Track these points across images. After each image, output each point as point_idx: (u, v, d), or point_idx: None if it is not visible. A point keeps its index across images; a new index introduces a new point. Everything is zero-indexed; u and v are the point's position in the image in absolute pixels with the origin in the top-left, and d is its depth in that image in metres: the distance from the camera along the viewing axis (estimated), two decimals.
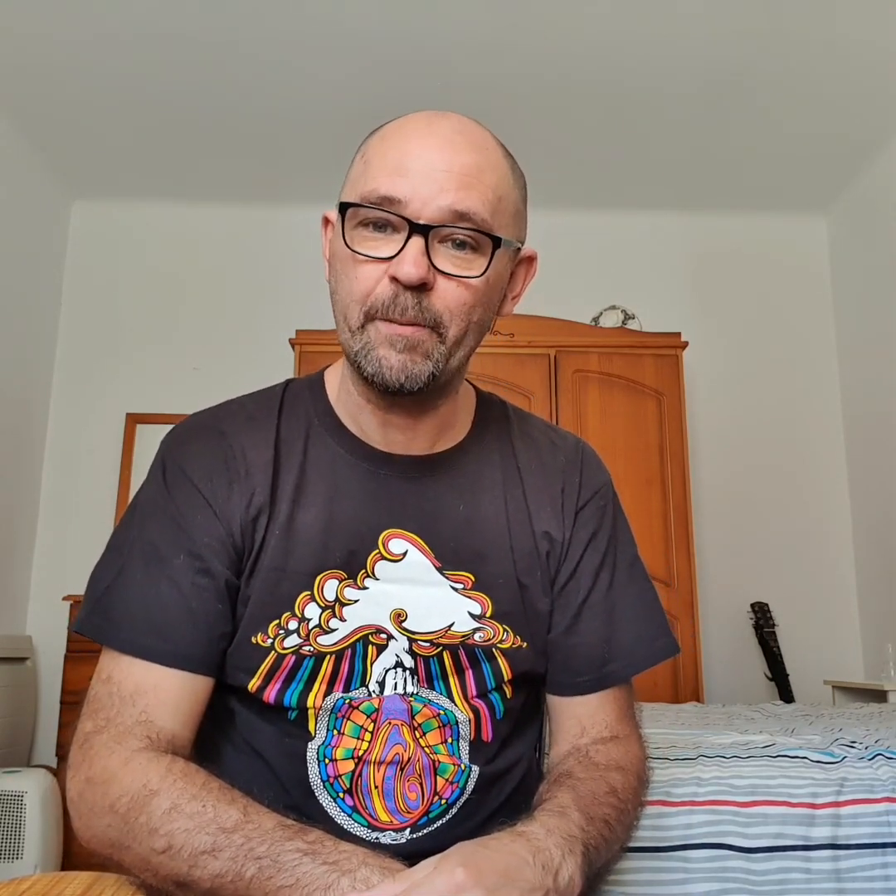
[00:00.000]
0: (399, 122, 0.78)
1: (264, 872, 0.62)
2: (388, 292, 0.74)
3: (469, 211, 0.73)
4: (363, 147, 0.79)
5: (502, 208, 0.76)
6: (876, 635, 3.53)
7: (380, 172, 0.74)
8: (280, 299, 3.82)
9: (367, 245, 0.75)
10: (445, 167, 0.73)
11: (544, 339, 3.37)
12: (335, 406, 0.86)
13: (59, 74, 3.11)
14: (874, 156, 3.57)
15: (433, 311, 0.74)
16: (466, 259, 0.75)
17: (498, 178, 0.76)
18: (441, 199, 0.72)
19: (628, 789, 0.80)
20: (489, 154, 0.77)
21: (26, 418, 3.61)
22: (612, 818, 0.75)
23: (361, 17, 2.83)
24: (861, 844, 1.26)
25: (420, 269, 0.72)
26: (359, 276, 0.75)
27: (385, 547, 0.81)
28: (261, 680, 0.78)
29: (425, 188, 0.72)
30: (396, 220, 0.73)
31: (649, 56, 3.01)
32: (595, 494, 0.90)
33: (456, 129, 0.76)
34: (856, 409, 3.79)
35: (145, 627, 0.75)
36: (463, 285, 0.74)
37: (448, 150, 0.74)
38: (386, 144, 0.76)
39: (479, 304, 0.77)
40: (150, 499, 0.81)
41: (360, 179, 0.76)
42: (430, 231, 0.72)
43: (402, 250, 0.72)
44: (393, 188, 0.73)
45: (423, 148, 0.74)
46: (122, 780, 0.69)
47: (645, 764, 0.86)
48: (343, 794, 0.77)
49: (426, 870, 0.60)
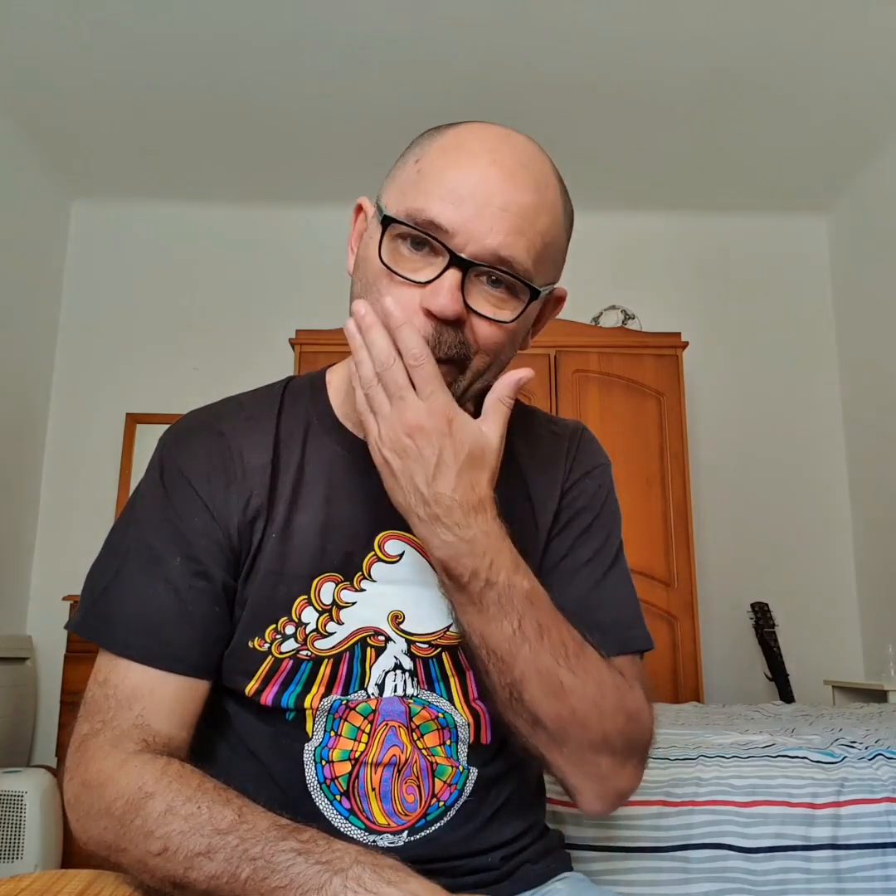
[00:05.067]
0: (462, 135, 0.75)
1: (259, 873, 0.62)
2: (429, 329, 0.71)
3: (513, 259, 0.71)
4: (418, 150, 0.76)
5: (547, 256, 0.75)
6: (876, 635, 3.53)
7: (433, 192, 0.71)
8: (280, 299, 3.82)
9: (404, 265, 0.72)
10: (502, 205, 0.70)
11: (544, 338, 3.33)
12: (337, 405, 0.85)
13: (60, 74, 3.11)
14: (874, 156, 3.57)
15: (466, 345, 0.73)
16: (500, 299, 0.73)
17: (550, 222, 0.74)
18: (489, 239, 0.70)
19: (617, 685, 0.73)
20: (548, 194, 0.74)
21: (26, 418, 3.60)
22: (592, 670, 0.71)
23: (362, 17, 2.83)
24: (861, 844, 1.26)
25: (456, 304, 0.70)
26: (399, 299, 0.72)
27: (381, 548, 0.80)
28: (258, 683, 0.77)
29: (475, 224, 0.70)
30: (438, 247, 0.71)
31: (649, 56, 3.01)
32: (585, 474, 0.88)
33: (521, 161, 0.73)
34: (856, 408, 3.78)
35: (142, 630, 0.75)
36: (495, 325, 0.73)
37: (509, 187, 0.71)
38: (445, 160, 0.73)
39: (508, 343, 0.76)
40: (148, 500, 0.80)
41: (411, 191, 0.73)
42: (470, 268, 0.71)
43: (437, 278, 0.71)
44: (443, 215, 0.70)
45: (484, 179, 0.71)
46: (117, 783, 0.69)
47: (649, 711, 0.78)
48: (340, 796, 0.77)
49: None
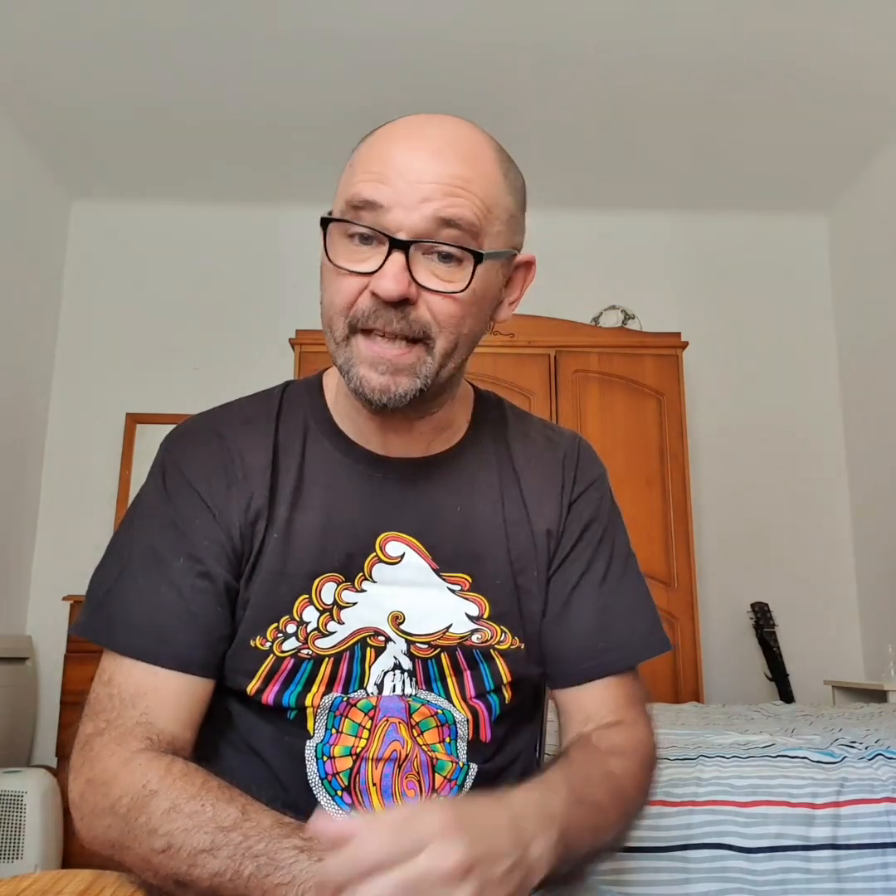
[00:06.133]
0: (389, 126, 0.77)
1: (262, 870, 0.62)
2: (369, 304, 0.73)
3: (454, 217, 0.71)
4: (353, 153, 0.79)
5: (492, 218, 0.75)
6: (876, 635, 3.53)
7: (363, 176, 0.73)
8: (280, 299, 3.82)
9: (352, 258, 0.74)
10: (432, 178, 0.71)
11: (544, 339, 3.37)
12: (333, 409, 0.86)
13: (60, 75, 3.11)
14: (874, 156, 3.57)
15: (421, 322, 0.73)
16: (450, 271, 0.73)
17: (488, 186, 0.74)
18: (424, 207, 0.71)
19: (628, 775, 0.78)
20: (480, 164, 0.75)
21: (26, 418, 3.60)
22: (606, 803, 0.73)
23: (361, 17, 2.83)
24: (861, 844, 1.26)
25: (400, 285, 0.71)
26: (341, 287, 0.74)
27: (382, 549, 0.81)
28: (259, 682, 0.78)
29: (408, 196, 0.71)
30: (379, 236, 0.72)
31: (649, 56, 3.01)
32: (590, 486, 0.90)
33: (446, 139, 0.74)
34: (856, 408, 3.79)
35: (146, 630, 0.75)
36: (449, 298, 0.73)
37: (435, 162, 0.72)
38: (373, 149, 0.75)
39: (468, 315, 0.75)
40: (150, 502, 0.81)
41: (346, 184, 0.75)
42: (411, 246, 0.71)
43: (382, 265, 0.71)
44: (375, 193, 0.72)
45: (410, 156, 0.72)
46: (122, 781, 0.69)
47: (652, 748, 0.84)
48: (341, 791, 0.77)
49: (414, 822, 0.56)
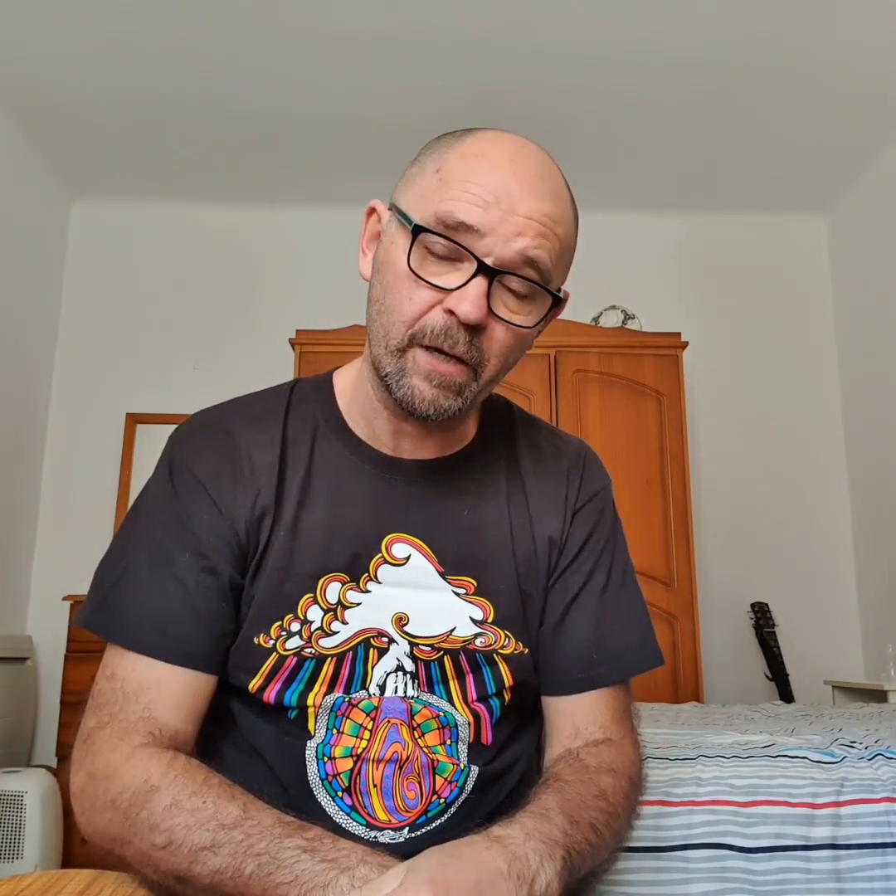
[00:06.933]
0: (481, 143, 0.76)
1: (263, 869, 0.62)
2: (441, 321, 0.73)
3: (538, 259, 0.73)
4: (436, 157, 0.76)
5: (563, 260, 0.77)
6: (876, 635, 3.53)
7: (460, 196, 0.72)
8: (280, 299, 3.82)
9: (429, 270, 0.73)
10: (526, 213, 0.72)
11: (544, 338, 3.33)
12: (344, 408, 0.86)
13: (60, 74, 3.11)
14: (874, 156, 3.57)
15: (480, 350, 0.74)
16: (520, 305, 0.75)
17: (566, 229, 0.76)
18: (517, 242, 0.72)
19: (619, 793, 0.78)
20: (563, 203, 0.77)
21: (26, 418, 3.60)
22: (600, 822, 0.73)
23: (361, 17, 2.83)
24: (861, 844, 1.26)
25: (481, 310, 0.71)
26: (413, 297, 0.73)
27: (388, 551, 0.81)
28: (262, 680, 0.78)
29: (504, 227, 0.72)
30: (466, 254, 0.72)
31: (649, 56, 3.01)
32: (594, 496, 0.90)
33: (539, 173, 0.75)
34: (856, 408, 3.79)
35: (150, 625, 0.75)
36: (511, 330, 0.75)
37: (531, 196, 0.73)
38: (466, 168, 0.74)
39: (519, 347, 0.78)
40: (156, 496, 0.81)
41: (435, 197, 0.73)
42: (497, 275, 0.72)
43: (464, 285, 0.71)
44: (472, 216, 0.71)
45: (508, 186, 0.72)
46: (123, 776, 0.69)
47: (639, 768, 0.84)
48: (342, 792, 0.77)
49: (392, 882, 0.57)
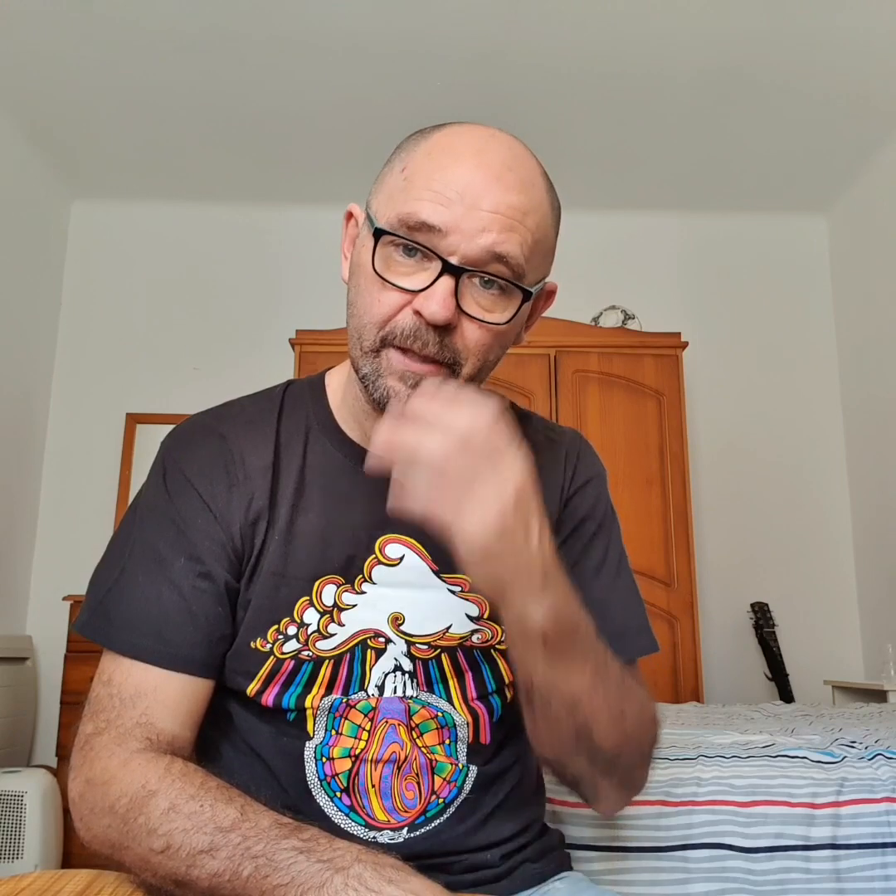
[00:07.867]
0: (447, 137, 0.75)
1: (260, 871, 0.62)
2: (409, 323, 0.72)
3: (507, 254, 0.71)
4: (404, 156, 0.76)
5: (538, 252, 0.75)
6: (876, 635, 3.53)
7: (422, 195, 0.71)
8: (280, 299, 3.82)
9: (396, 271, 0.72)
10: (491, 207, 0.70)
11: (544, 339, 3.37)
12: (336, 409, 0.86)
13: (60, 74, 3.11)
14: (874, 156, 3.57)
15: (453, 349, 0.73)
16: (493, 302, 0.73)
17: (539, 219, 0.74)
18: (482, 238, 0.70)
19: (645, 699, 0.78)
20: (535, 192, 0.74)
21: (26, 418, 3.60)
22: (623, 679, 0.74)
23: (361, 17, 2.83)
24: (861, 844, 1.26)
25: (448, 310, 0.70)
26: (382, 299, 0.73)
27: (382, 552, 0.81)
28: (259, 684, 0.78)
29: (468, 223, 0.70)
30: (430, 254, 0.71)
31: (649, 56, 3.01)
32: (587, 483, 0.90)
33: (507, 163, 0.73)
34: (856, 408, 3.79)
35: (146, 630, 0.75)
36: (485, 328, 0.73)
37: (497, 189, 0.71)
38: (432, 164, 0.73)
39: (497, 344, 0.76)
40: (151, 501, 0.81)
41: (399, 196, 0.73)
42: (463, 273, 0.71)
43: (431, 285, 0.71)
44: (435, 216, 0.70)
45: (472, 181, 0.71)
46: (121, 781, 0.69)
47: (657, 710, 0.83)
48: (340, 793, 0.77)
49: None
